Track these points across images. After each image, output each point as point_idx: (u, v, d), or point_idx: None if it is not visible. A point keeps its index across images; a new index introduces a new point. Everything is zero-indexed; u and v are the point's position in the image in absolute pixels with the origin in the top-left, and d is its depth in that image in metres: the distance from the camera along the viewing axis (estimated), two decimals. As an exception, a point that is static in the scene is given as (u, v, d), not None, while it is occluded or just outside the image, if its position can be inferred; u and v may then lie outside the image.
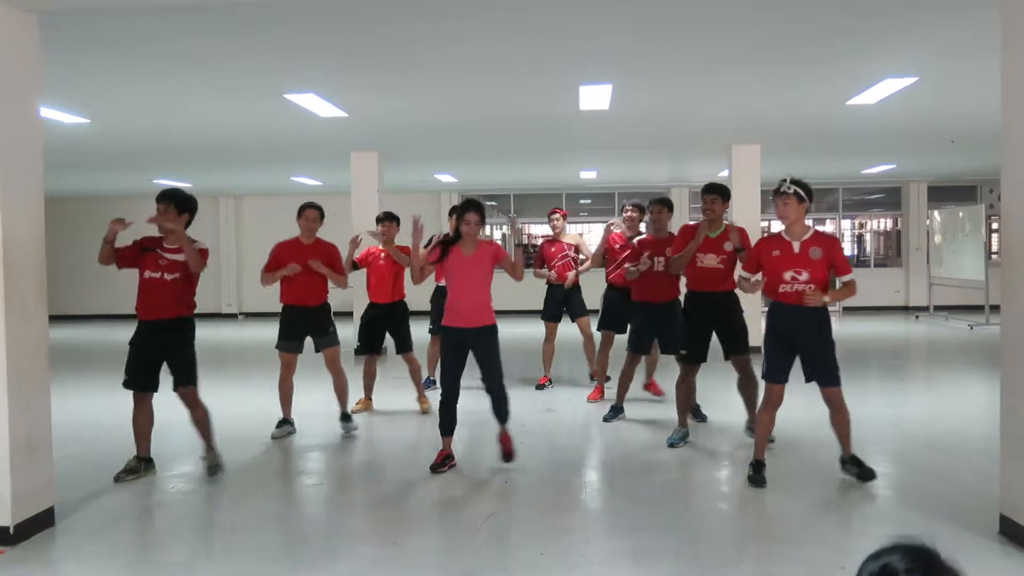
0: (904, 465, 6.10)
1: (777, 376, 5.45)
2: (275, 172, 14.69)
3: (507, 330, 6.15)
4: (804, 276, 5.28)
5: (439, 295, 8.90)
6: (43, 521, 4.81)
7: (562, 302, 8.96)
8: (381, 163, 12.29)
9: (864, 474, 5.47)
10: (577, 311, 8.96)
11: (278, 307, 7.19)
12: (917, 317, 16.97)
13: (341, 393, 7.23)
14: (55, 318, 6.92)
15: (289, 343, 7.06)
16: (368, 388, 8.10)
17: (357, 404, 8.05)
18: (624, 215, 8.17)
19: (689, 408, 6.72)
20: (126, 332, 6.05)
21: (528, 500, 5.42)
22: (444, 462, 6.04)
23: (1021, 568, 4.14)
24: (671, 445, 6.54)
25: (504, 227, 20.08)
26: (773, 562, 4.29)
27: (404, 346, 7.89)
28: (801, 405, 6.46)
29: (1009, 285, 4.53)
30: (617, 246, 8.21)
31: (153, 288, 5.74)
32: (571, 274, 8.86)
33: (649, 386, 8.61)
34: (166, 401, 5.99)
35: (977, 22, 5.68)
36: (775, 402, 5.52)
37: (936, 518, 4.79)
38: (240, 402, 8.67)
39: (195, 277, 5.85)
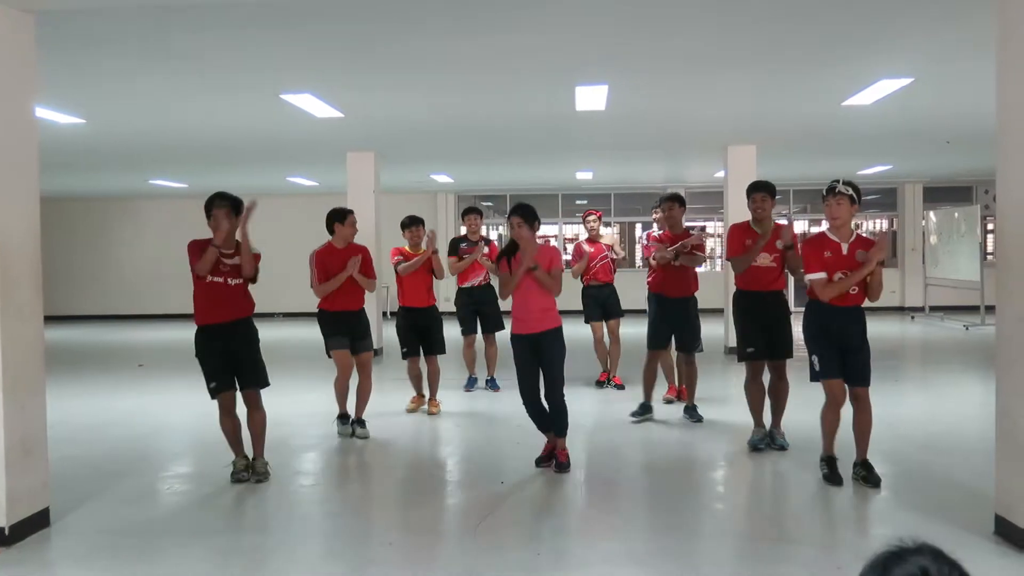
0: (900, 465, 6.11)
1: (836, 371, 5.39)
2: (271, 172, 14.66)
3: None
4: (855, 279, 5.29)
5: (463, 296, 8.94)
6: (38, 522, 4.80)
7: (602, 302, 8.94)
8: (377, 163, 12.28)
9: (872, 480, 5.44)
10: (613, 311, 8.95)
11: (273, 308, 7.17)
12: (913, 318, 16.99)
13: (365, 397, 7.19)
14: (50, 319, 6.90)
15: (340, 340, 6.97)
16: (419, 387, 8.15)
17: (411, 402, 8.17)
18: (654, 217, 8.25)
19: (762, 408, 6.51)
20: (121, 333, 6.06)
21: (525, 500, 5.42)
22: (549, 456, 6.02)
23: (1017, 568, 4.15)
24: (754, 448, 6.38)
25: (501, 227, 20.08)
26: (770, 562, 4.29)
27: (435, 349, 7.94)
28: (799, 405, 6.47)
29: (1004, 286, 4.54)
30: (646, 243, 8.26)
31: (217, 293, 5.65)
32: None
33: (675, 391, 8.33)
34: (163, 402, 5.97)
35: (972, 23, 5.69)
36: (841, 399, 5.44)
37: (932, 518, 4.79)
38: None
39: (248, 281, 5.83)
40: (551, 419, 5.98)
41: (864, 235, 5.57)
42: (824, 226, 5.66)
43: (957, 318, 15.70)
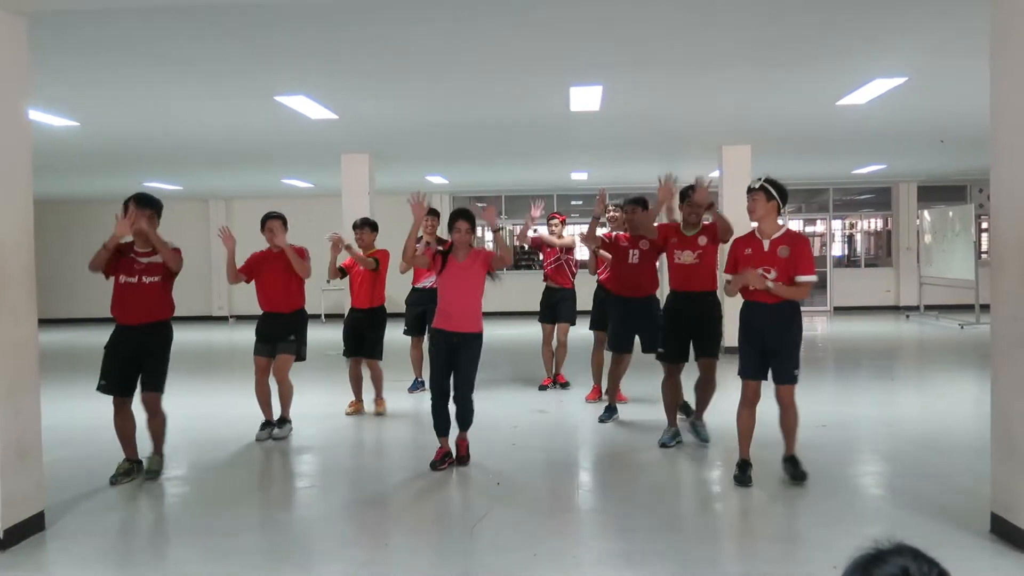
0: (895, 464, 6.12)
1: (753, 372, 5.49)
2: (266, 174, 14.64)
3: (508, 331, 6.15)
4: (772, 274, 5.33)
5: (413, 297, 8.93)
6: (33, 525, 4.78)
7: (553, 304, 8.97)
8: (372, 165, 12.27)
9: (797, 475, 5.52)
10: (561, 315, 8.95)
11: (229, 311, 7.19)
12: (908, 317, 17.02)
13: (284, 399, 7.21)
14: (45, 321, 6.89)
15: (262, 346, 7.10)
16: (357, 391, 8.10)
17: (349, 407, 8.07)
18: (607, 215, 8.19)
19: (674, 407, 6.72)
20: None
21: (520, 501, 5.41)
22: (443, 459, 6.11)
23: (1013, 566, 4.15)
24: (663, 445, 6.55)
25: (503, 230, 20.03)
26: (765, 561, 4.30)
27: (372, 352, 7.93)
28: (798, 404, 6.47)
29: (999, 284, 4.55)
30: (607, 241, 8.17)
31: (130, 293, 5.75)
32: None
33: (602, 393, 8.40)
34: (163, 403, 5.97)
35: (966, 22, 5.71)
36: (752, 399, 5.55)
37: (928, 517, 4.80)
38: (230, 404, 8.65)
39: (172, 279, 5.87)
40: (456, 414, 6.11)
41: (795, 232, 5.63)
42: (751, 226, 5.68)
43: (952, 317, 15.74)
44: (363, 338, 7.89)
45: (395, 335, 8.67)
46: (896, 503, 5.21)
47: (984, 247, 17.31)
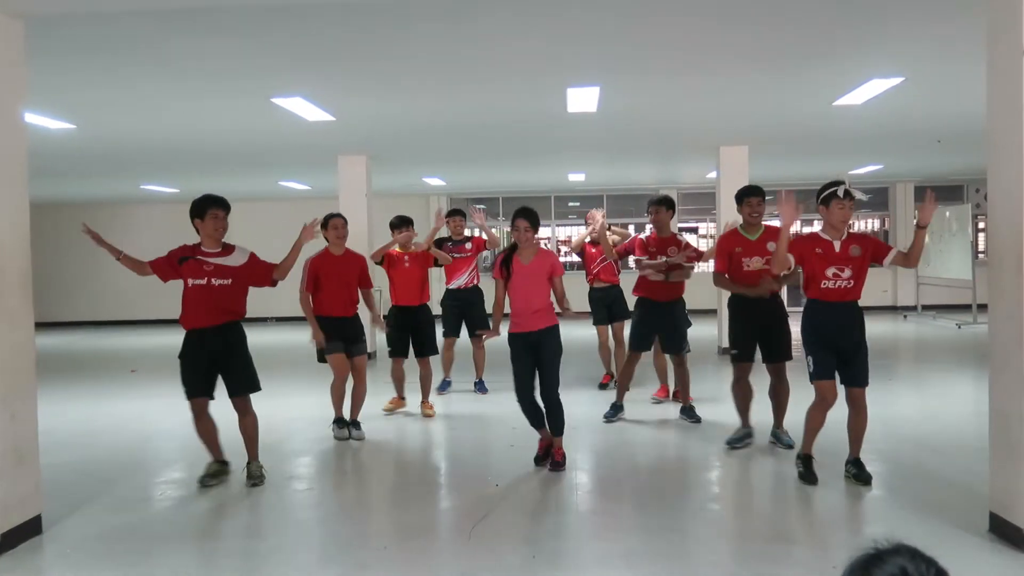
0: (894, 464, 6.12)
1: (828, 373, 5.41)
2: (263, 176, 14.63)
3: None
4: (847, 272, 5.32)
5: (449, 298, 8.93)
6: (30, 529, 4.77)
7: (608, 303, 8.94)
8: (369, 167, 12.27)
9: (862, 477, 5.46)
10: (619, 313, 8.90)
11: (270, 312, 7.17)
12: (905, 317, 17.03)
13: (360, 400, 7.19)
14: (42, 325, 6.87)
15: (334, 344, 6.93)
16: (401, 388, 8.12)
17: (390, 402, 8.11)
18: (649, 220, 8.24)
19: (746, 408, 6.56)
20: (113, 339, 6.03)
21: (520, 502, 5.41)
22: (547, 451, 6.07)
23: (1011, 565, 4.15)
24: (731, 445, 6.45)
25: (494, 229, 20.05)
26: (765, 562, 4.29)
27: (427, 350, 7.92)
28: (796, 404, 6.47)
29: (996, 284, 4.55)
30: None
31: (201, 295, 5.63)
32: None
33: (671, 392, 8.33)
34: (155, 408, 5.95)
35: (963, 22, 5.71)
36: (831, 401, 5.46)
37: (926, 516, 4.80)
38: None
39: (247, 285, 5.81)
40: (547, 417, 6.01)
41: (854, 232, 5.62)
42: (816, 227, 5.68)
43: (949, 317, 15.75)
44: (416, 336, 7.85)
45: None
46: (895, 502, 5.20)
47: (981, 247, 17.32)
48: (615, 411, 7.57)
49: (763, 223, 6.47)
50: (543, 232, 19.36)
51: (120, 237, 5.79)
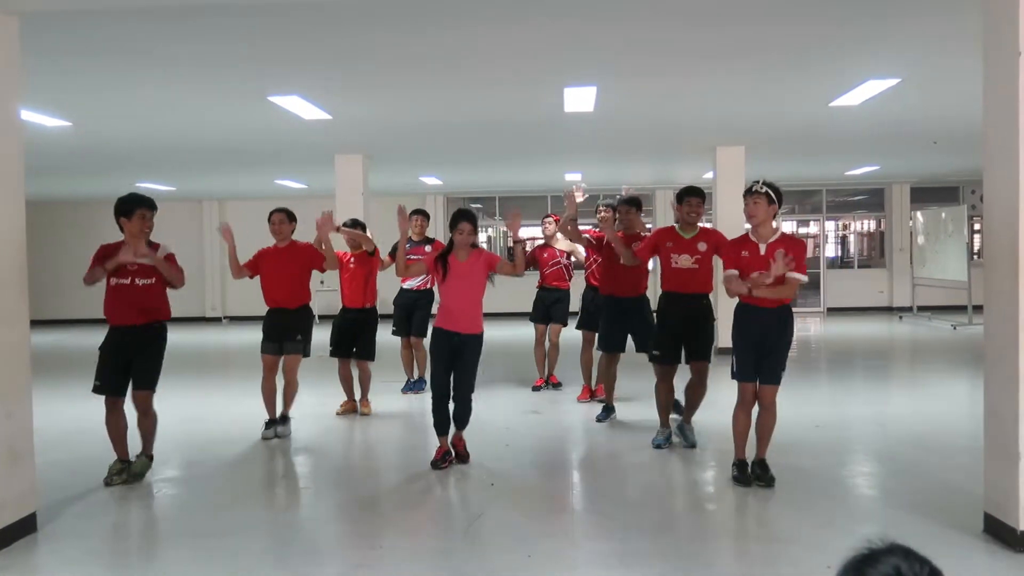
0: (889, 464, 6.13)
1: (750, 375, 5.49)
2: (259, 175, 14.61)
3: (501, 332, 6.18)
4: (771, 278, 5.28)
5: (400, 296, 8.93)
6: (25, 527, 4.76)
7: (548, 305, 8.97)
8: (366, 166, 12.26)
9: (767, 480, 5.50)
10: (555, 316, 8.96)
11: (263, 311, 7.18)
12: (901, 317, 17.06)
13: (289, 396, 7.22)
14: (36, 323, 6.86)
15: (267, 344, 7.10)
16: (349, 391, 8.09)
17: (341, 407, 8.08)
18: (598, 216, 8.22)
19: (667, 409, 6.70)
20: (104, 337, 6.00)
21: (515, 502, 5.41)
22: (444, 458, 6.12)
23: (1005, 565, 4.16)
24: (657, 446, 6.55)
25: (490, 229, 20.07)
26: (759, 562, 4.30)
27: (364, 354, 7.92)
28: (787, 406, 6.48)
29: (991, 285, 4.56)
30: (595, 241, 8.09)
31: (123, 294, 5.70)
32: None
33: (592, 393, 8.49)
34: (154, 405, 5.95)
35: (959, 24, 5.72)
36: (751, 401, 5.55)
37: (921, 517, 4.81)
38: (224, 406, 8.64)
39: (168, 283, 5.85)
40: (454, 414, 6.13)
41: (790, 235, 5.60)
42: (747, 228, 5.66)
43: (945, 318, 15.78)
44: (355, 339, 7.88)
45: (386, 335, 8.66)
46: (889, 503, 5.22)
47: (977, 248, 17.36)
48: (607, 413, 7.60)
49: (700, 225, 6.53)
50: (538, 231, 19.32)
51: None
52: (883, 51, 6.71)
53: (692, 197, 6.48)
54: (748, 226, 5.57)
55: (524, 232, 7.13)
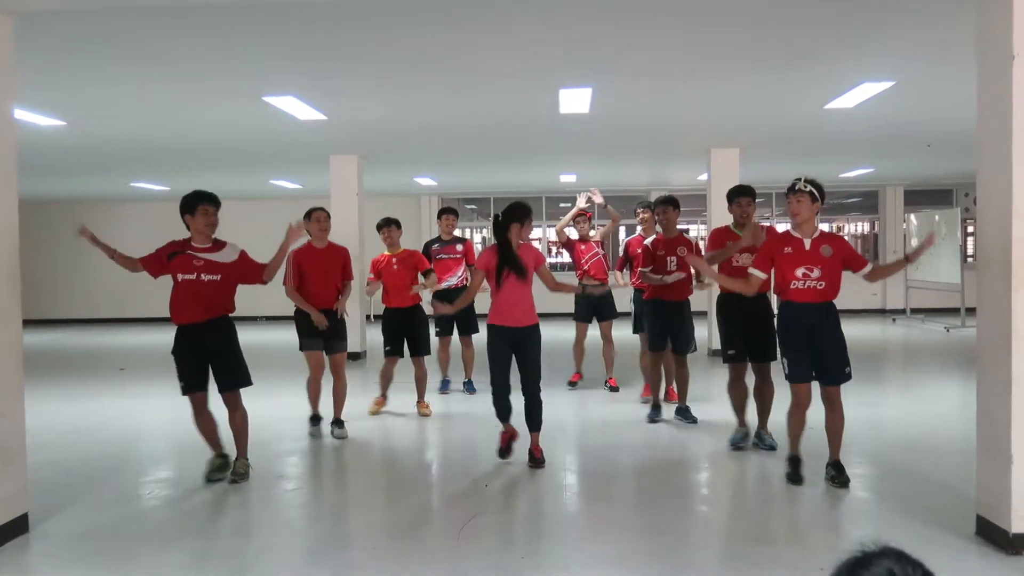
0: (882, 466, 6.14)
1: (803, 375, 5.42)
2: (254, 175, 14.60)
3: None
4: (816, 273, 5.30)
5: (439, 298, 8.90)
6: (17, 528, 4.75)
7: (595, 303, 8.85)
8: (361, 166, 12.25)
9: (842, 481, 5.47)
10: (605, 312, 8.87)
11: (259, 311, 7.16)
12: (894, 320, 17.11)
13: (340, 398, 7.18)
14: (32, 322, 6.84)
15: (312, 340, 7.00)
16: (385, 388, 8.10)
17: (374, 404, 8.10)
18: (639, 218, 8.24)
19: (744, 408, 6.58)
20: (103, 337, 6.01)
21: (510, 503, 5.41)
22: (510, 443, 6.15)
23: (998, 568, 4.17)
24: (734, 446, 6.48)
25: (484, 230, 20.06)
26: (754, 564, 4.30)
27: (419, 350, 7.91)
28: (785, 406, 6.49)
29: (984, 288, 4.57)
30: (638, 251, 7.95)
31: (190, 290, 5.62)
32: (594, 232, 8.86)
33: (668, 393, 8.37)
34: (144, 406, 5.93)
35: (953, 27, 5.74)
36: (806, 403, 5.48)
37: (914, 519, 4.82)
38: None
39: (236, 283, 5.80)
40: (526, 413, 6.07)
41: (829, 232, 5.61)
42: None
43: (938, 320, 15.82)
44: (409, 337, 7.85)
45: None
46: (882, 505, 5.22)
47: (970, 251, 17.40)
48: (656, 412, 7.54)
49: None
50: (535, 232, 19.37)
51: (109, 234, 5.78)
52: (878, 54, 6.73)
53: (741, 197, 6.47)
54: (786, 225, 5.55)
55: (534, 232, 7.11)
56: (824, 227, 5.45)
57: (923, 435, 7.00)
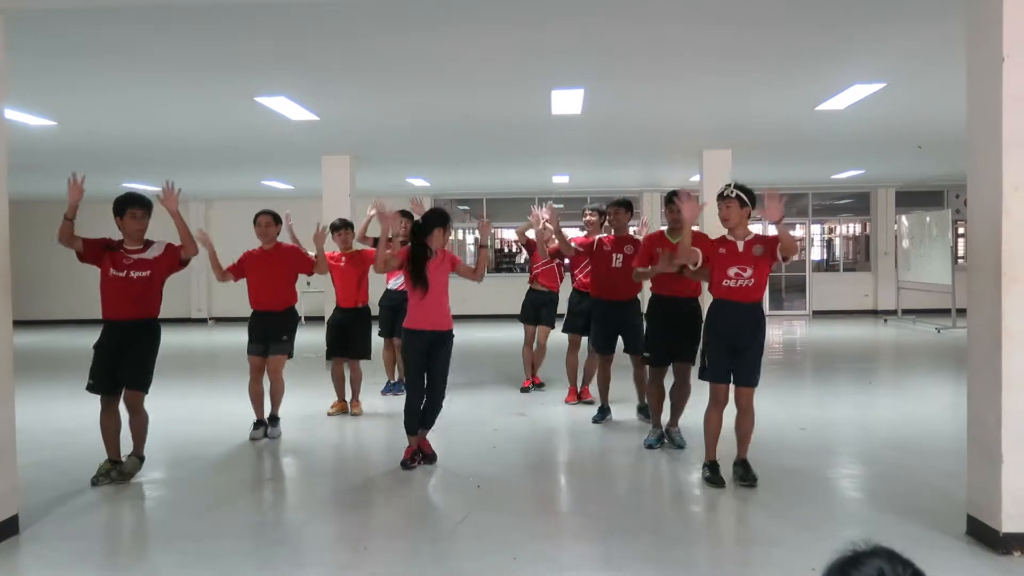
0: (872, 467, 6.16)
1: (720, 374, 5.53)
2: (246, 176, 14.56)
3: (489, 333, 6.19)
4: (748, 272, 5.41)
5: (386, 298, 8.91)
6: (7, 529, 4.73)
7: (537, 306, 8.97)
8: (353, 167, 12.22)
9: (748, 479, 5.55)
10: (544, 318, 8.97)
11: (248, 312, 7.16)
12: (885, 321, 17.16)
13: (274, 398, 7.22)
14: (22, 323, 6.82)
15: (254, 345, 7.11)
16: (340, 391, 8.08)
17: (332, 407, 8.07)
18: (584, 219, 8.24)
19: (660, 409, 6.71)
20: (94, 337, 5.98)
21: (500, 504, 5.40)
22: (413, 458, 6.16)
23: (988, 568, 4.19)
24: (649, 446, 6.56)
25: (476, 231, 20.06)
26: (744, 564, 4.32)
27: (359, 352, 7.93)
28: (772, 409, 6.51)
29: (975, 289, 4.59)
30: (582, 249, 8.07)
31: (118, 288, 5.74)
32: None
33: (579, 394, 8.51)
34: (148, 404, 5.92)
35: (943, 29, 5.75)
36: (723, 402, 5.60)
37: (904, 519, 4.84)
38: (210, 407, 8.60)
39: (165, 277, 5.89)
40: (422, 412, 6.17)
41: (761, 234, 5.69)
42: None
43: (929, 321, 15.88)
44: (348, 338, 7.86)
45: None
46: (873, 505, 5.24)
47: (961, 252, 17.48)
48: (603, 414, 7.61)
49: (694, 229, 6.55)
50: (531, 233, 19.33)
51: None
52: (868, 56, 6.75)
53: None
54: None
55: (509, 234, 7.17)
56: (756, 228, 5.55)
57: (914, 436, 7.02)
